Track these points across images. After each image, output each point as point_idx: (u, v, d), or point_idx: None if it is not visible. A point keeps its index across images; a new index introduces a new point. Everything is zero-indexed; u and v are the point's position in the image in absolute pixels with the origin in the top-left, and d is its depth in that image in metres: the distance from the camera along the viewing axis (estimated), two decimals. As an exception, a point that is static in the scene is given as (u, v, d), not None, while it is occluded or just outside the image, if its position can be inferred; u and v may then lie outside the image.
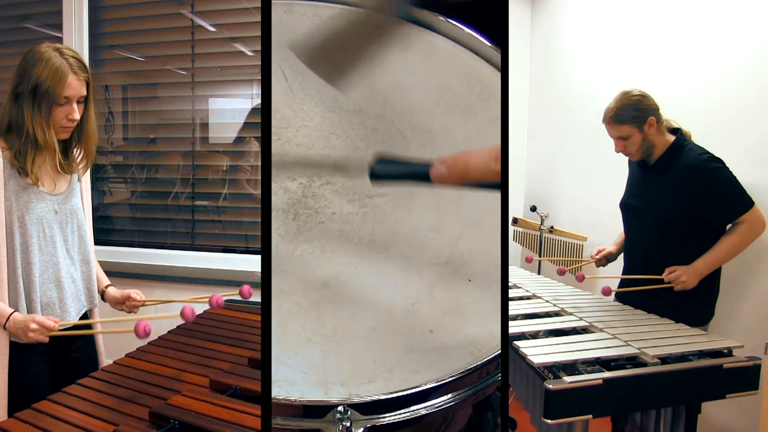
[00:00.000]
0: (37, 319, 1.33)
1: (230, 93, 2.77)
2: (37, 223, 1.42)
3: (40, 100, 1.36)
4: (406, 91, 1.27)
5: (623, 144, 1.82)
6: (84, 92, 1.42)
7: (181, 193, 2.75)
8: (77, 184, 1.56)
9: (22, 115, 1.37)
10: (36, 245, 1.42)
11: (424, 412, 0.94)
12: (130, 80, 2.81)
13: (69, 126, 1.43)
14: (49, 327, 1.34)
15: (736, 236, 1.71)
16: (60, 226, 1.48)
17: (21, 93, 1.37)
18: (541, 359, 1.32)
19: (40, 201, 1.44)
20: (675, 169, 1.77)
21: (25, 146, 1.38)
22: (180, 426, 1.08)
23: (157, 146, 2.82)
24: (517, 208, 3.36)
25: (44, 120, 1.37)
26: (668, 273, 1.75)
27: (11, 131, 1.40)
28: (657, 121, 1.78)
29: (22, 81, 1.37)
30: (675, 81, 2.18)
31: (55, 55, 1.38)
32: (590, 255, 2.11)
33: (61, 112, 1.40)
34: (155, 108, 2.82)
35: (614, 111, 1.79)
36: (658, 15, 2.34)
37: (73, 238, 1.52)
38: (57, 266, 1.47)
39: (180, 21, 2.70)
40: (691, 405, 1.36)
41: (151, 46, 2.76)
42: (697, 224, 1.74)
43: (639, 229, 1.91)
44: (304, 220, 1.12)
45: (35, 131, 1.37)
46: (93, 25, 2.76)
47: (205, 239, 2.74)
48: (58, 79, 1.36)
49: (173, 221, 2.75)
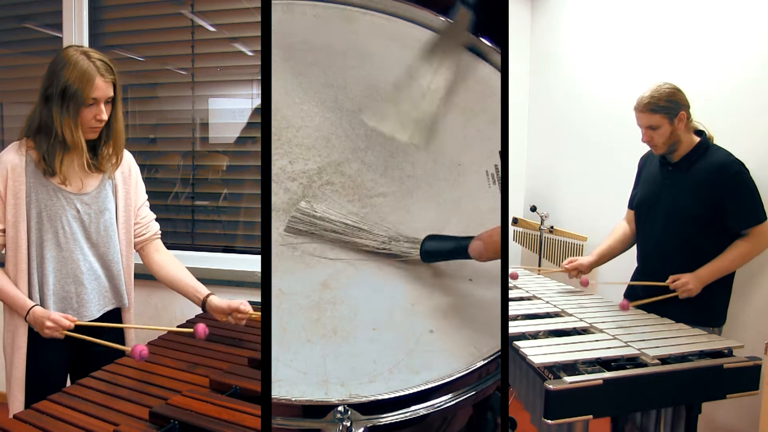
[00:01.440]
0: (53, 317, 1.41)
1: (230, 93, 2.77)
2: (54, 219, 1.48)
3: (68, 101, 1.42)
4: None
5: (651, 134, 1.81)
6: (111, 93, 1.48)
7: (181, 193, 2.75)
8: (111, 185, 1.60)
9: (51, 116, 1.43)
10: (52, 241, 1.49)
11: (424, 412, 0.93)
12: (130, 80, 2.81)
13: (97, 126, 1.49)
14: (63, 325, 1.41)
15: (743, 248, 1.72)
16: (82, 224, 1.53)
17: (50, 95, 1.43)
18: (541, 359, 1.32)
19: (60, 199, 1.49)
20: (699, 168, 1.77)
21: (53, 147, 1.45)
22: (180, 426, 1.08)
23: (157, 146, 2.82)
24: (517, 208, 3.35)
25: (72, 121, 1.44)
26: (673, 280, 1.75)
27: (40, 132, 1.46)
28: (687, 118, 1.78)
29: (51, 84, 1.43)
30: (675, 81, 2.18)
31: (83, 58, 1.44)
32: (561, 265, 2.10)
33: (89, 113, 1.46)
34: (155, 108, 2.81)
35: (648, 99, 1.79)
36: (658, 14, 2.34)
37: (98, 236, 1.56)
38: (76, 263, 1.52)
39: (180, 21, 2.70)
40: (691, 405, 1.36)
41: (151, 46, 2.75)
42: (716, 224, 1.74)
43: (654, 226, 1.89)
44: (304, 220, 1.11)
45: (63, 132, 1.43)
46: (93, 25, 2.76)
47: (205, 239, 2.74)
48: (86, 82, 1.42)
49: (173, 221, 2.74)
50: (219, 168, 2.75)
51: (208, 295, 1.61)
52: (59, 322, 1.40)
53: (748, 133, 1.89)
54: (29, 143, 1.48)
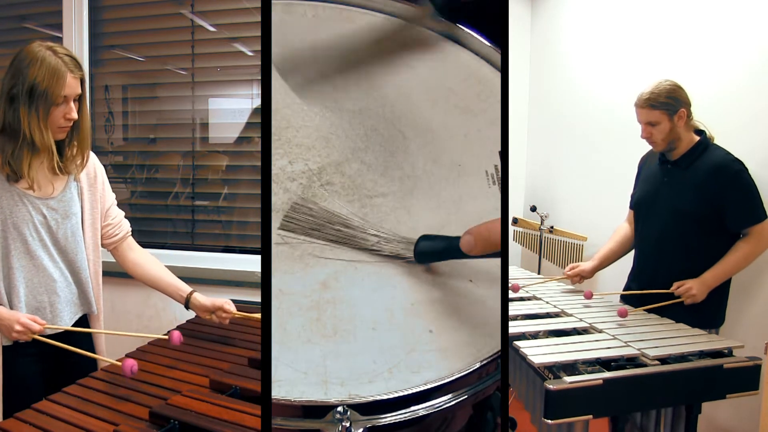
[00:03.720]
0: (21, 320, 1.32)
1: (230, 93, 2.77)
2: (21, 227, 1.39)
3: (37, 101, 1.33)
4: (406, 91, 1.27)
5: (650, 131, 1.80)
6: (79, 90, 1.40)
7: (181, 193, 2.75)
8: (77, 187, 1.52)
9: (18, 117, 1.33)
10: (20, 249, 1.40)
11: (424, 412, 0.93)
12: (130, 80, 2.81)
13: (66, 126, 1.41)
14: (33, 330, 1.32)
15: (746, 248, 1.72)
16: (49, 230, 1.44)
17: (16, 95, 1.34)
18: (541, 359, 1.32)
19: (26, 205, 1.40)
20: (699, 166, 1.77)
21: (20, 149, 1.36)
22: (180, 426, 1.08)
23: (157, 146, 2.82)
24: (517, 208, 3.36)
25: (42, 121, 1.35)
26: (677, 287, 1.75)
27: (4, 135, 1.37)
28: (687, 116, 1.78)
29: (16, 82, 1.34)
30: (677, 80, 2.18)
31: (49, 54, 1.35)
32: (563, 272, 2.10)
33: (59, 112, 1.37)
34: (155, 108, 2.81)
35: (648, 95, 1.79)
36: (659, 13, 2.34)
37: (66, 242, 1.48)
38: (47, 271, 1.44)
39: (180, 21, 2.70)
40: (691, 405, 1.36)
41: (151, 46, 2.76)
42: (716, 222, 1.73)
43: (654, 225, 1.88)
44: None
45: (32, 133, 1.34)
46: (93, 25, 2.76)
47: (205, 239, 2.74)
48: (56, 80, 1.33)
49: (173, 221, 2.74)
50: (219, 168, 2.75)
51: (191, 292, 1.57)
52: (28, 326, 1.31)
53: (751, 133, 1.89)
54: None
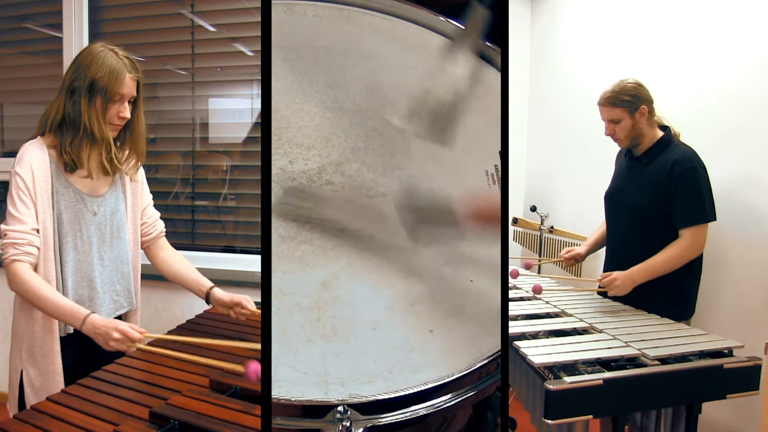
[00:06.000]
0: (120, 327, 1.29)
1: (230, 93, 2.77)
2: (74, 222, 1.45)
3: (95, 95, 1.40)
4: (405, 91, 1.27)
5: (613, 128, 1.86)
6: (135, 93, 1.47)
7: (181, 193, 2.75)
8: (121, 186, 1.58)
9: (78, 109, 1.39)
10: (71, 244, 1.44)
11: (424, 412, 0.93)
12: (130, 80, 2.81)
13: (118, 124, 1.47)
14: (133, 338, 1.29)
15: (676, 249, 1.74)
16: (98, 227, 1.50)
17: (76, 88, 1.40)
18: (541, 359, 1.32)
19: (79, 201, 1.46)
20: (658, 163, 1.81)
21: (80, 140, 1.41)
22: (180, 426, 1.08)
23: (157, 146, 2.81)
24: (517, 208, 3.35)
25: (101, 115, 1.41)
26: (603, 278, 1.78)
27: (64, 126, 1.42)
28: (648, 112, 1.82)
29: (78, 77, 1.40)
30: (674, 81, 2.18)
31: (111, 54, 1.42)
32: (560, 255, 2.16)
33: (114, 109, 1.43)
34: (155, 108, 2.81)
35: (609, 94, 1.85)
36: (658, 14, 2.34)
37: (111, 239, 1.53)
38: (91, 266, 1.48)
39: (180, 21, 2.70)
40: (691, 405, 1.36)
41: (151, 46, 2.75)
42: (669, 218, 1.76)
43: (619, 220, 1.95)
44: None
45: (91, 125, 1.40)
46: (93, 25, 2.76)
47: (205, 239, 2.74)
48: (115, 77, 1.40)
49: (173, 221, 2.74)
50: (219, 168, 2.75)
51: (211, 287, 1.62)
52: (128, 334, 1.28)
53: (751, 134, 1.89)
54: (49, 140, 1.43)
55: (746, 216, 1.87)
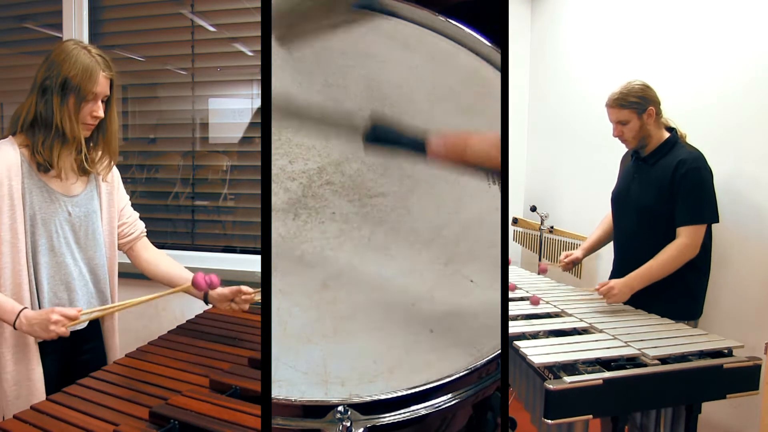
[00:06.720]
0: (57, 309, 1.31)
1: (230, 93, 2.76)
2: (48, 223, 1.41)
3: (68, 94, 1.37)
4: (406, 90, 1.27)
5: (621, 129, 1.87)
6: (108, 92, 1.44)
7: (181, 193, 2.75)
8: (96, 187, 1.55)
9: (50, 108, 1.37)
10: (46, 246, 1.42)
11: (424, 412, 0.93)
12: (130, 80, 2.81)
13: (91, 124, 1.44)
14: (72, 316, 1.31)
15: (673, 251, 1.74)
16: (72, 227, 1.47)
17: (48, 87, 1.37)
18: (541, 359, 1.32)
19: (53, 202, 1.43)
20: (664, 163, 1.81)
21: (52, 140, 1.38)
22: (180, 426, 1.08)
23: (157, 146, 2.81)
24: (517, 208, 3.35)
25: (73, 114, 1.38)
26: (600, 286, 1.78)
27: (36, 126, 1.39)
28: (656, 113, 1.84)
29: (49, 75, 1.37)
30: (675, 81, 2.18)
31: (84, 52, 1.39)
32: (559, 260, 2.19)
33: (87, 108, 1.40)
34: (155, 108, 2.81)
35: (617, 95, 1.86)
36: (659, 15, 2.34)
37: (86, 240, 1.50)
38: (68, 268, 1.45)
39: (180, 21, 2.69)
40: (691, 405, 1.36)
41: (151, 46, 2.75)
42: (671, 219, 1.77)
43: (626, 220, 1.96)
44: (304, 220, 1.12)
45: (63, 124, 1.37)
46: (93, 25, 2.75)
47: (205, 239, 2.74)
48: (88, 75, 1.37)
49: (173, 221, 2.74)
50: (219, 168, 2.75)
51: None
52: (67, 314, 1.30)
53: (751, 134, 1.89)
54: (21, 139, 1.40)
55: (746, 216, 1.87)
